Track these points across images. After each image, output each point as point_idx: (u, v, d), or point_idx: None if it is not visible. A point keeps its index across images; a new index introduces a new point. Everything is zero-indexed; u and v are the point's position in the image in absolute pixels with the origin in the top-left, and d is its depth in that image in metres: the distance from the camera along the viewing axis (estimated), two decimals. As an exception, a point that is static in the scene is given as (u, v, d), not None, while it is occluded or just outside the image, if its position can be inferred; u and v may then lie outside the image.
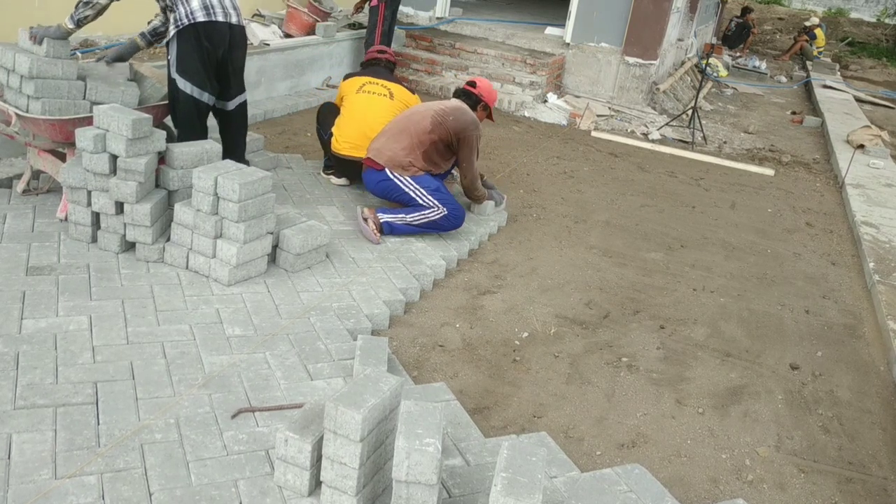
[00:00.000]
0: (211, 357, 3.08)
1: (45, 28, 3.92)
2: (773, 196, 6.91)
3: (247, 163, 4.65)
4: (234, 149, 4.71)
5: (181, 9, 4.13)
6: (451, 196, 4.63)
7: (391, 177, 4.53)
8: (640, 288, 4.57)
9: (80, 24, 4.00)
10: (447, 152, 4.67)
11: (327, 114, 5.24)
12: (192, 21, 4.11)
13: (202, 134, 4.34)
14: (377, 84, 5.13)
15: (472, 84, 4.92)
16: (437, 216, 4.47)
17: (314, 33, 7.56)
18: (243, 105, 4.65)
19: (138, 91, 4.13)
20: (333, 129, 5.06)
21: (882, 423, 3.60)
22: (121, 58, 4.33)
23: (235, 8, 4.33)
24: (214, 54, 4.25)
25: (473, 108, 4.83)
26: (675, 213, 6.01)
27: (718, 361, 3.89)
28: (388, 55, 5.49)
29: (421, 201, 4.49)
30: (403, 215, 4.47)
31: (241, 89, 4.61)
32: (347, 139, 4.93)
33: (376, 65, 5.37)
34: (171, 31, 4.17)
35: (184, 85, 4.20)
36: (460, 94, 4.90)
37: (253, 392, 2.92)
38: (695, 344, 4.03)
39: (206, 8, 4.14)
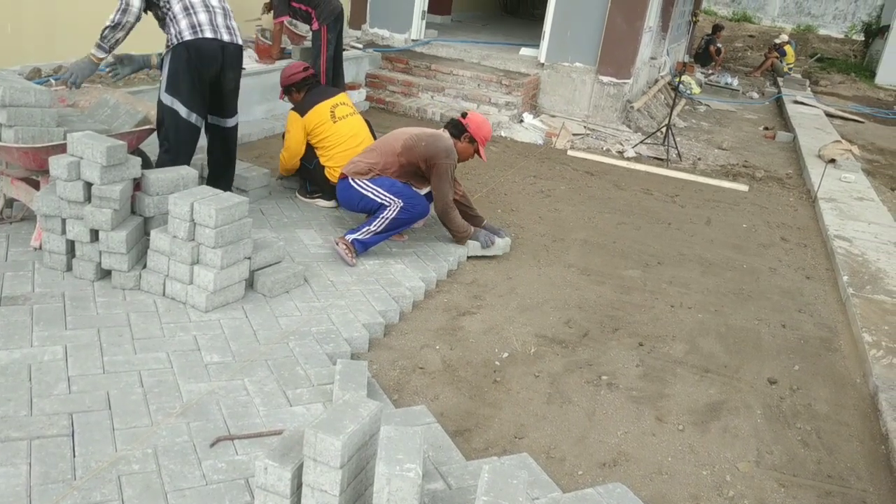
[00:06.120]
0: (189, 385, 3.05)
1: (76, 68, 4.01)
2: (747, 211, 6.99)
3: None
4: (224, 171, 4.74)
5: (172, 29, 4.18)
6: (409, 188, 4.57)
7: (351, 184, 4.55)
8: (618, 306, 4.60)
9: (112, 49, 4.08)
10: (419, 177, 4.66)
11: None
12: (181, 40, 4.15)
13: (186, 159, 4.32)
14: (341, 105, 5.16)
15: (464, 115, 4.84)
16: (395, 211, 4.44)
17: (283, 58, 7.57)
18: (236, 127, 4.71)
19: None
20: (324, 162, 5.07)
21: (860, 435, 3.63)
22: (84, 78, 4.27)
23: (229, 28, 4.33)
24: (206, 73, 4.27)
25: (458, 137, 4.75)
26: (652, 231, 6.06)
27: (697, 377, 3.92)
28: (311, 69, 5.40)
29: (379, 200, 4.47)
30: (367, 227, 4.45)
31: (236, 110, 4.65)
32: (342, 165, 4.91)
33: (311, 84, 5.26)
34: (165, 51, 4.22)
35: (171, 102, 4.20)
36: (449, 123, 4.82)
37: (232, 419, 2.89)
38: (673, 360, 4.05)
39: (194, 27, 4.16)
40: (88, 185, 3.60)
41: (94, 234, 3.64)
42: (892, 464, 3.43)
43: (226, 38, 4.29)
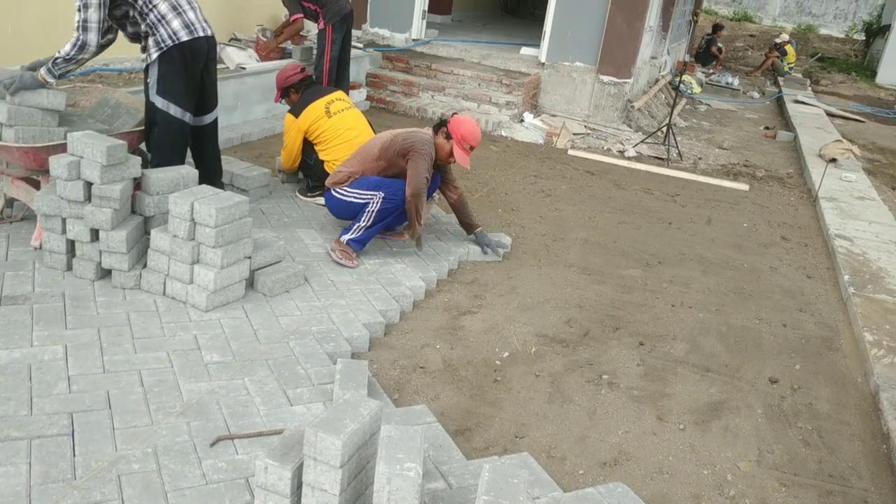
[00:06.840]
0: (189, 384, 3.05)
1: (20, 80, 3.77)
2: (748, 211, 6.98)
3: (222, 187, 4.64)
4: (212, 169, 4.68)
5: (162, 30, 4.06)
6: (386, 179, 4.50)
7: (334, 195, 4.55)
8: (618, 305, 4.60)
9: (61, 77, 3.95)
10: (401, 179, 4.53)
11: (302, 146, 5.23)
12: (177, 41, 4.07)
13: (180, 160, 4.29)
14: (337, 101, 5.16)
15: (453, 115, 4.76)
16: (378, 203, 4.41)
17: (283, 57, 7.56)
18: (216, 121, 4.66)
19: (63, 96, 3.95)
20: (322, 157, 5.08)
21: (861, 434, 3.63)
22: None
23: (206, 20, 4.29)
24: (197, 71, 4.23)
25: (437, 132, 4.61)
26: (652, 230, 6.06)
27: (698, 377, 3.91)
28: (307, 70, 5.40)
29: (361, 200, 4.45)
30: (357, 224, 4.44)
31: (216, 103, 4.60)
32: (340, 158, 4.93)
33: (307, 84, 5.28)
34: (154, 54, 4.11)
35: (165, 106, 4.15)
36: (435, 123, 4.71)
37: (232, 419, 2.89)
38: (674, 360, 4.05)
39: (188, 26, 4.10)
40: (88, 185, 3.59)
41: (95, 234, 3.64)
42: (894, 463, 3.42)
43: (209, 32, 4.27)
